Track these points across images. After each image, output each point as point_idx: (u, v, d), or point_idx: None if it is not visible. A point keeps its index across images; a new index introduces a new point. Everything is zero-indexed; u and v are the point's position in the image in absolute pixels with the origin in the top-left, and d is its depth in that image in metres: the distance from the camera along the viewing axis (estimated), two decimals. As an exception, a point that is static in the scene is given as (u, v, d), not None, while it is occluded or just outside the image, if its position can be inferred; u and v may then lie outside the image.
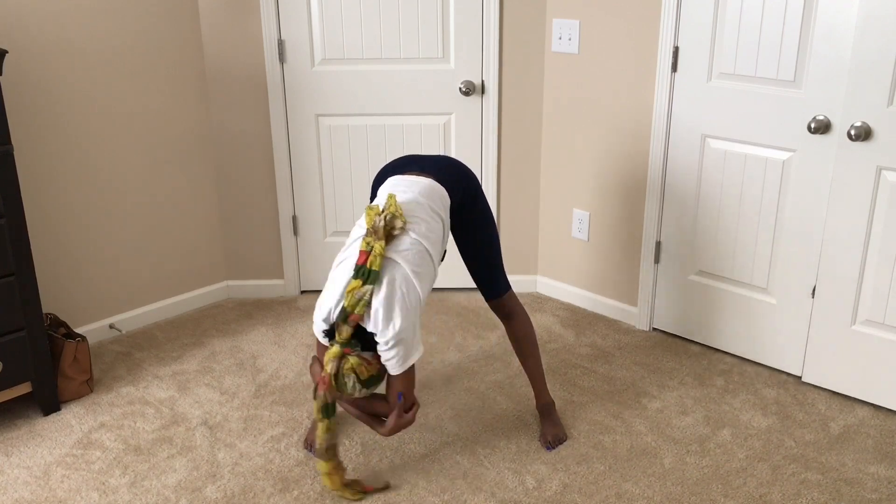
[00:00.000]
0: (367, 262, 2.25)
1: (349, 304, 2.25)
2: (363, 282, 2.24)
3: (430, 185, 2.47)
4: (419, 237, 2.35)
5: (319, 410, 2.33)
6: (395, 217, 2.30)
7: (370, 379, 2.32)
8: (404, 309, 2.28)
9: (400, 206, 2.34)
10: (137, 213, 3.49)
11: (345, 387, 2.29)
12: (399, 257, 2.30)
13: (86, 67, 3.20)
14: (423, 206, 2.41)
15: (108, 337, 3.51)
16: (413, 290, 2.31)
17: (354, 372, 2.28)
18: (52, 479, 2.59)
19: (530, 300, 3.83)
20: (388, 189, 2.48)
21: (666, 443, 2.76)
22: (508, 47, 3.53)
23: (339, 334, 2.28)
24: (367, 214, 2.32)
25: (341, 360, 2.27)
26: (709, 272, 3.30)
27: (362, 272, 2.25)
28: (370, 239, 2.28)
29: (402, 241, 2.32)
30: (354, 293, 2.25)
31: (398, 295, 2.27)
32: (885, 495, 2.50)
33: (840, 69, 2.75)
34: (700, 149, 3.18)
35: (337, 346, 2.28)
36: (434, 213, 2.43)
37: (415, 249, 2.33)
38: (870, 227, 2.81)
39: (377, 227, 2.28)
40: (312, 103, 3.60)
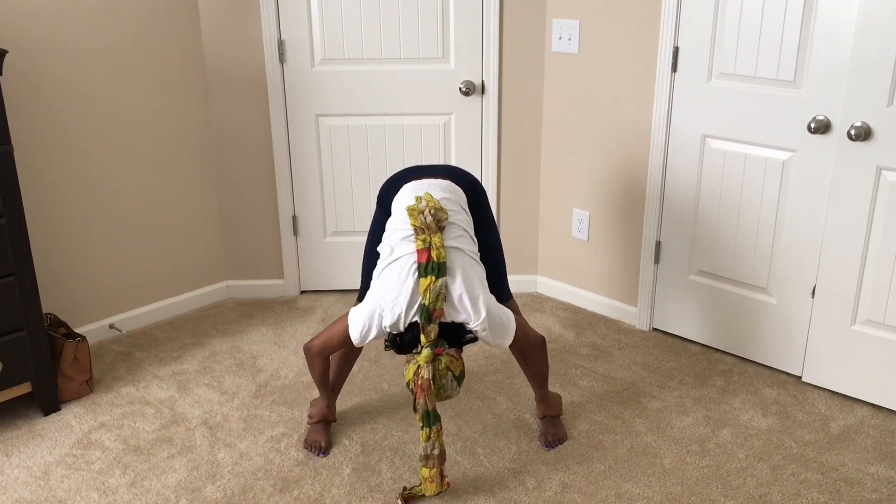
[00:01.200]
0: (431, 256, 2.27)
1: (430, 301, 2.25)
2: (435, 276, 2.26)
3: (448, 184, 2.56)
4: (460, 223, 2.45)
5: (421, 419, 2.31)
6: (439, 210, 2.38)
7: (461, 374, 2.31)
8: (483, 287, 2.35)
9: (437, 201, 2.41)
10: (137, 213, 3.49)
11: (443, 389, 2.28)
12: (456, 243, 2.37)
13: (86, 67, 3.20)
14: (451, 200, 2.50)
15: (108, 337, 3.51)
16: (479, 268, 2.40)
17: (450, 370, 2.27)
18: (52, 479, 2.59)
19: (530, 300, 3.83)
20: (411, 192, 2.51)
21: (666, 443, 2.76)
22: (508, 47, 3.53)
23: (428, 335, 2.26)
24: (410, 215, 2.37)
25: (434, 361, 2.26)
26: (709, 272, 3.30)
27: (430, 268, 2.26)
28: (424, 236, 2.31)
29: (450, 230, 2.40)
30: (431, 289, 2.25)
31: (472, 277, 2.34)
32: (885, 495, 2.50)
33: (840, 69, 2.75)
34: (700, 149, 3.18)
35: (426, 349, 2.26)
36: (460, 207, 2.52)
37: (464, 235, 2.44)
38: (870, 227, 2.81)
39: (428, 223, 2.33)
40: (312, 103, 3.60)
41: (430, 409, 2.30)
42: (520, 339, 2.49)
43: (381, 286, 2.37)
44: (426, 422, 2.32)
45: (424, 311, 2.26)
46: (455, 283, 2.30)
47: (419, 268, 2.28)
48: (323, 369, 2.58)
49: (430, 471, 2.38)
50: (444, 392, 2.30)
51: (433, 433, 2.34)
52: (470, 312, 2.31)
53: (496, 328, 2.38)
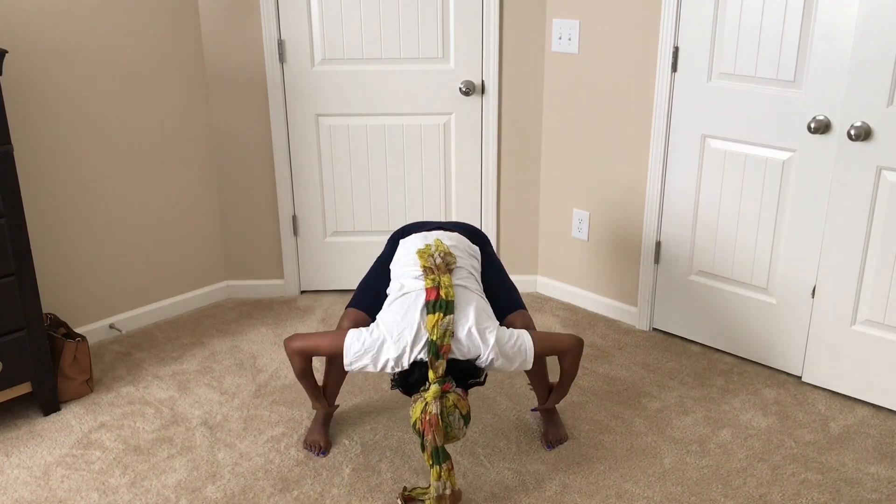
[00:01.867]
0: (440, 295, 2.34)
1: (437, 336, 2.28)
2: (443, 313, 2.30)
3: (458, 236, 2.67)
4: (467, 267, 2.55)
5: (431, 456, 2.30)
6: (448, 254, 2.50)
7: (468, 414, 2.32)
8: (490, 320, 2.41)
9: (447, 247, 2.55)
10: (137, 213, 3.49)
11: (451, 427, 2.28)
12: (463, 283, 2.45)
13: (86, 67, 3.20)
14: (458, 248, 2.60)
15: (108, 337, 3.50)
16: (486, 304, 2.48)
17: (457, 407, 2.27)
18: (52, 479, 2.59)
19: (530, 300, 3.83)
20: (421, 238, 2.61)
21: (666, 443, 2.76)
22: (508, 47, 3.53)
23: (436, 371, 2.28)
24: (420, 257, 2.47)
25: (442, 398, 2.26)
26: (709, 272, 3.30)
27: (439, 305, 2.32)
28: (433, 276, 2.39)
29: (458, 272, 2.50)
30: (438, 326, 2.29)
31: (479, 311, 2.40)
32: (885, 495, 2.50)
33: (840, 69, 2.75)
34: (700, 149, 3.18)
35: (434, 385, 2.27)
36: (468, 255, 2.63)
37: (471, 277, 2.53)
38: (870, 227, 2.81)
39: (437, 264, 2.43)
40: (312, 103, 3.60)
41: (438, 445, 2.29)
42: (545, 350, 2.48)
43: (388, 317, 2.39)
44: (435, 460, 2.31)
45: (432, 347, 2.29)
46: (462, 318, 2.35)
47: (427, 305, 2.33)
48: (303, 367, 2.52)
49: None
50: (451, 431, 2.28)
51: (444, 472, 2.32)
52: (479, 345, 2.34)
53: (509, 354, 2.39)
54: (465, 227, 2.76)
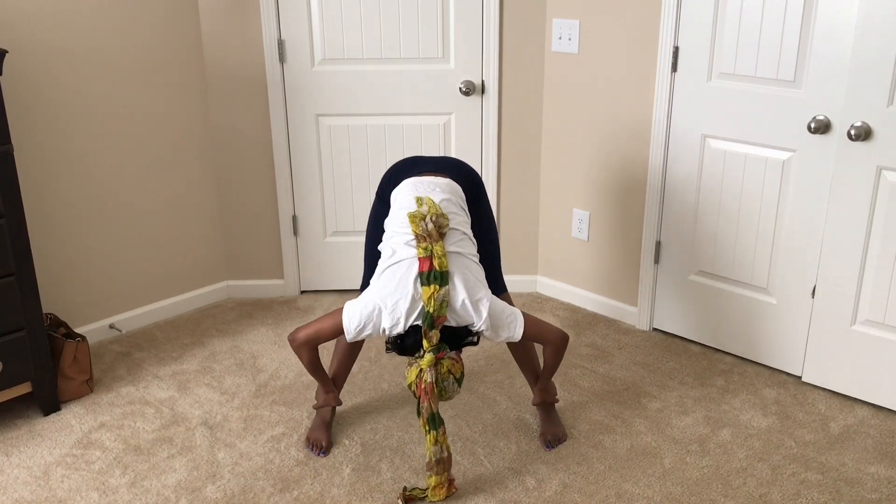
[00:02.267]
0: (433, 265, 2.31)
1: (434, 308, 2.28)
2: (438, 285, 2.29)
3: (449, 182, 2.58)
4: (460, 227, 2.48)
5: (428, 422, 2.34)
6: (440, 216, 2.41)
7: (462, 375, 2.36)
8: (484, 289, 2.39)
9: (438, 206, 2.43)
10: (137, 212, 3.49)
11: (445, 391, 2.33)
12: (456, 248, 2.41)
13: (86, 67, 3.20)
14: (451, 202, 2.52)
15: (108, 337, 3.50)
16: (479, 269, 2.46)
17: (451, 373, 2.32)
18: (52, 479, 2.59)
19: (530, 300, 3.83)
20: (411, 190, 2.52)
21: (666, 443, 2.76)
22: (508, 47, 3.53)
23: (430, 341, 2.30)
24: (412, 221, 2.39)
25: (436, 365, 2.30)
26: (709, 272, 3.30)
27: (433, 276, 2.30)
28: (426, 244, 2.34)
29: (451, 235, 2.43)
30: (434, 297, 2.28)
31: (473, 280, 2.38)
32: (885, 495, 2.50)
33: (840, 69, 2.75)
34: (700, 149, 3.18)
35: (429, 353, 2.30)
36: (459, 208, 2.54)
37: (464, 239, 2.47)
38: (870, 227, 2.81)
39: (429, 230, 2.37)
40: (312, 103, 3.60)
41: (434, 411, 2.33)
42: (531, 334, 2.51)
43: (381, 286, 2.38)
44: (432, 425, 2.34)
45: (428, 318, 2.29)
46: (457, 288, 2.34)
47: (421, 276, 2.31)
48: (311, 357, 2.54)
49: (440, 476, 2.41)
50: (445, 394, 2.34)
51: (440, 436, 2.37)
52: (472, 315, 2.35)
53: (498, 325, 2.41)
54: (458, 170, 2.66)
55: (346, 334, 2.40)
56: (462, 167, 2.67)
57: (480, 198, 2.67)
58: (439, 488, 2.42)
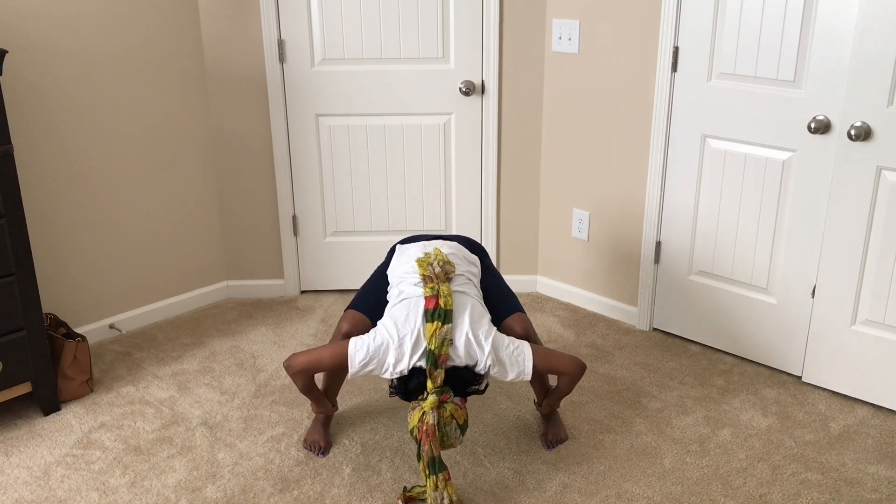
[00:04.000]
0: (439, 303, 2.34)
1: (436, 346, 2.29)
2: (441, 322, 2.30)
3: (456, 244, 2.70)
4: (465, 273, 2.57)
5: (428, 466, 2.30)
6: (447, 263, 2.52)
7: (465, 423, 2.32)
8: (488, 326, 2.40)
9: (445, 255, 2.56)
10: (137, 212, 3.49)
11: (447, 437, 2.29)
12: (462, 289, 2.46)
13: (86, 67, 3.20)
14: (457, 256, 2.63)
15: (108, 337, 3.50)
16: (483, 311, 2.47)
17: (454, 418, 2.28)
18: (52, 479, 2.59)
19: (530, 300, 3.83)
20: (420, 247, 2.63)
21: (666, 443, 2.76)
22: (508, 47, 3.53)
23: (434, 381, 2.29)
24: (420, 265, 2.49)
25: (439, 408, 2.27)
26: (709, 272, 3.30)
27: (438, 314, 2.32)
28: (433, 284, 2.39)
29: (457, 279, 2.51)
30: (437, 335, 2.29)
31: (477, 318, 2.40)
32: (885, 495, 2.50)
33: (840, 69, 2.75)
34: (700, 149, 3.18)
35: (432, 395, 2.28)
36: (466, 261, 2.66)
37: (469, 283, 2.54)
38: (870, 227, 2.81)
39: (437, 273, 2.44)
40: (312, 103, 3.60)
41: (434, 455, 2.30)
42: (544, 367, 2.48)
43: (388, 322, 2.40)
44: (432, 469, 2.31)
45: (430, 357, 2.30)
46: (460, 325, 2.36)
47: (426, 313, 2.34)
48: (306, 383, 2.55)
49: None
50: (447, 440, 2.30)
51: (440, 481, 2.32)
52: (475, 350, 2.35)
53: (505, 361, 2.39)
54: (463, 239, 2.78)
55: (350, 368, 2.38)
56: (466, 238, 2.80)
57: (483, 257, 2.78)
58: None
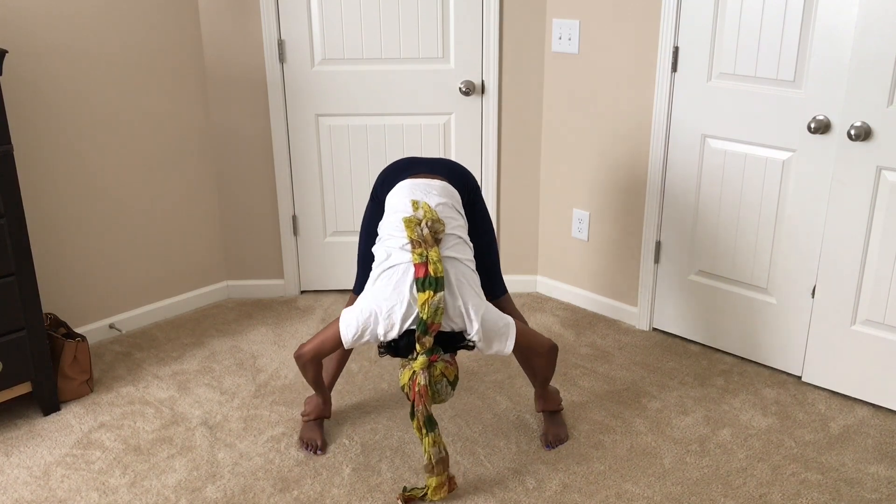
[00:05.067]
0: (429, 271, 2.29)
1: (428, 315, 2.27)
2: (433, 291, 2.28)
3: (444, 185, 2.56)
4: (455, 231, 2.46)
5: (424, 425, 2.33)
6: (436, 222, 2.39)
7: (456, 379, 2.34)
8: (478, 296, 2.38)
9: (434, 211, 2.42)
10: (137, 212, 3.49)
11: (438, 394, 2.32)
12: (452, 252, 2.40)
13: (86, 67, 3.20)
14: (447, 205, 2.51)
15: (108, 337, 3.50)
16: (474, 277, 2.44)
17: (444, 376, 2.30)
18: (52, 479, 2.59)
19: (530, 300, 3.83)
20: (407, 194, 2.50)
21: (666, 443, 2.76)
22: (508, 47, 3.53)
23: (423, 346, 2.29)
24: (407, 226, 2.37)
25: (429, 368, 2.29)
26: (709, 272, 3.30)
27: (428, 282, 2.29)
28: (421, 249, 2.33)
29: (447, 240, 2.41)
30: (429, 304, 2.27)
31: (467, 287, 2.37)
32: (885, 495, 2.50)
33: (840, 69, 2.75)
34: (700, 149, 3.18)
35: (422, 356, 2.28)
36: (456, 212, 2.53)
37: (459, 243, 2.45)
38: (870, 227, 2.81)
39: (425, 236, 2.35)
40: (312, 103, 3.60)
41: (429, 413, 2.32)
42: (522, 344, 2.50)
43: (376, 292, 2.37)
44: (429, 427, 2.33)
45: (421, 325, 2.28)
46: (452, 294, 2.34)
47: (416, 282, 2.30)
48: (316, 373, 2.58)
49: (440, 477, 2.40)
50: (438, 397, 2.33)
51: (437, 437, 2.36)
52: (465, 322, 2.35)
53: (491, 336, 2.39)
54: (454, 172, 2.64)
55: (344, 342, 2.39)
56: (457, 169, 2.65)
57: (476, 200, 2.65)
58: (440, 488, 2.41)
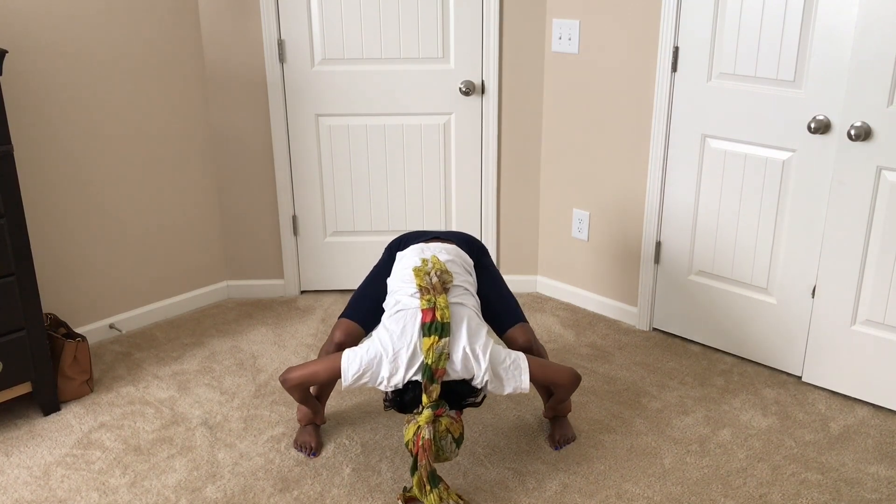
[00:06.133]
0: (436, 316, 2.31)
1: (433, 360, 2.26)
2: (438, 336, 2.28)
3: (454, 247, 2.65)
4: (463, 284, 2.52)
5: (428, 481, 2.29)
6: (444, 272, 2.47)
7: (461, 437, 2.31)
8: (485, 339, 2.37)
9: (443, 263, 2.49)
10: (137, 212, 3.49)
11: (442, 451, 2.28)
12: (459, 300, 2.43)
13: (86, 67, 3.20)
14: (455, 262, 2.59)
15: (108, 337, 3.50)
16: (481, 323, 2.46)
17: (449, 432, 2.27)
18: (52, 479, 2.59)
19: (530, 300, 3.83)
20: (417, 253, 2.59)
21: (666, 443, 2.76)
22: (508, 47, 3.53)
23: (430, 395, 2.27)
24: (416, 275, 2.44)
25: (434, 423, 2.26)
26: (709, 272, 3.30)
27: (434, 328, 2.29)
28: (429, 296, 2.36)
29: (454, 290, 2.46)
30: (434, 349, 2.27)
31: (474, 331, 2.37)
32: (885, 495, 2.50)
33: (840, 69, 2.75)
34: (700, 149, 3.18)
35: (427, 409, 2.26)
36: (464, 269, 2.60)
37: (466, 294, 2.50)
38: (870, 227, 2.81)
39: (434, 283, 2.39)
40: (312, 103, 3.60)
41: (432, 469, 2.29)
42: (541, 379, 2.49)
43: (383, 335, 2.37)
44: (433, 483, 2.31)
45: (427, 371, 2.27)
46: (458, 339, 2.33)
47: (423, 327, 2.31)
48: (303, 395, 2.57)
49: None
50: (442, 454, 2.29)
51: (443, 492, 2.33)
52: (472, 365, 2.33)
53: (501, 376, 2.37)
54: (463, 238, 2.75)
55: (343, 381, 2.37)
56: (464, 235, 2.77)
57: (483, 256, 2.75)
58: None
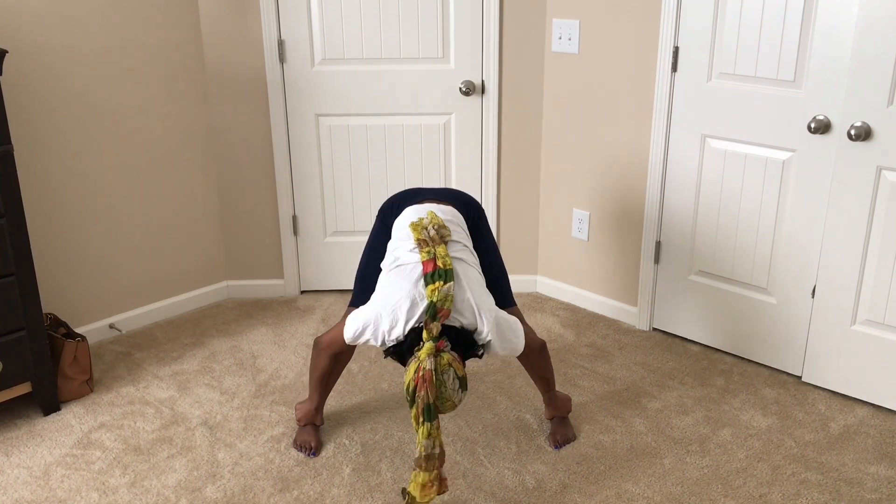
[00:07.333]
0: (437, 265, 2.30)
1: (438, 299, 2.24)
2: (443, 282, 2.27)
3: (449, 208, 2.63)
4: (461, 240, 2.51)
5: (422, 413, 2.21)
6: (441, 226, 2.46)
7: (464, 379, 2.23)
8: (487, 296, 2.40)
9: (440, 218, 2.49)
10: (137, 212, 3.49)
11: (444, 385, 2.18)
12: (459, 255, 2.43)
13: (86, 67, 3.20)
14: (452, 222, 2.57)
15: (108, 337, 3.50)
16: (481, 278, 2.47)
17: (452, 367, 2.20)
18: (52, 479, 2.59)
19: (530, 300, 3.83)
20: (412, 214, 2.57)
21: (666, 443, 2.76)
22: (508, 47, 3.53)
23: (430, 332, 2.23)
24: (414, 230, 2.44)
25: (436, 357, 2.20)
26: (709, 272, 3.30)
27: (438, 275, 2.28)
28: (428, 248, 2.35)
29: (452, 245, 2.45)
30: (439, 290, 2.25)
31: (476, 285, 2.38)
32: (885, 495, 2.50)
33: (840, 69, 2.75)
34: (700, 149, 3.18)
35: (429, 342, 2.21)
36: (460, 228, 2.58)
37: (465, 250, 2.49)
38: (870, 227, 2.81)
39: (432, 236, 2.40)
40: (312, 103, 3.60)
41: (430, 401, 2.18)
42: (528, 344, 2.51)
43: (382, 290, 2.38)
44: (427, 416, 2.20)
45: (431, 309, 2.24)
46: (462, 287, 2.33)
47: (426, 277, 2.29)
48: (326, 367, 2.59)
49: (431, 474, 2.27)
50: (445, 390, 2.18)
51: (433, 429, 2.23)
52: (476, 318, 2.33)
53: (505, 336, 2.38)
54: (458, 197, 2.69)
55: (345, 338, 2.40)
56: (461, 195, 2.72)
57: (480, 219, 2.71)
58: (427, 487, 2.27)
